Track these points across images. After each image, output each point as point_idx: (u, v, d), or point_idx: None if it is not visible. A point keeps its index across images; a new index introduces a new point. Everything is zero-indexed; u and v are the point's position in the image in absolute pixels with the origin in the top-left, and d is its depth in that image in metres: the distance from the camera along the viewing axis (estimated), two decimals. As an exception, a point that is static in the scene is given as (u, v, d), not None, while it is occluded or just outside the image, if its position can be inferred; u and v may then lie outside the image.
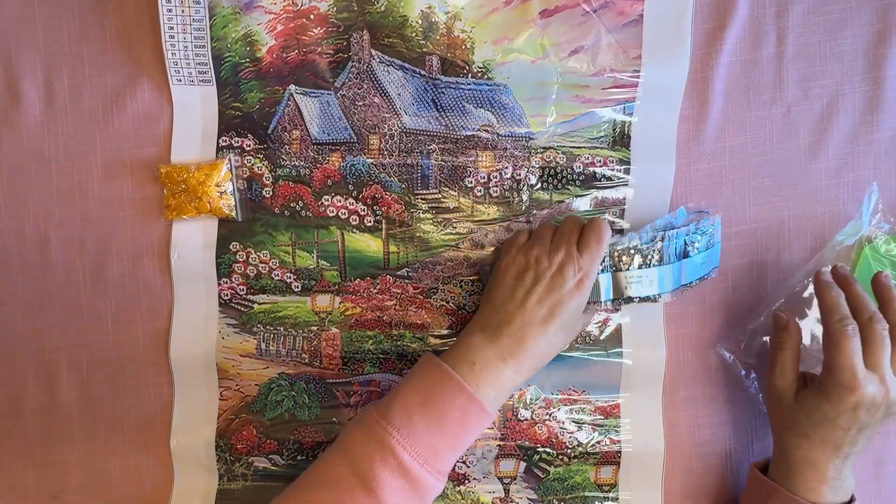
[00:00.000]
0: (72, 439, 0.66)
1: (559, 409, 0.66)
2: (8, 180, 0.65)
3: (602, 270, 0.59)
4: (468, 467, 0.66)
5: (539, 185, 0.65)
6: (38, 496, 0.66)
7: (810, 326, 0.66)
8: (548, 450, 0.66)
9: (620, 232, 0.64)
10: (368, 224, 0.65)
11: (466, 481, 0.66)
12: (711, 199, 0.66)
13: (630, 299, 0.60)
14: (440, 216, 0.65)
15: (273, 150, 0.65)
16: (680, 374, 0.67)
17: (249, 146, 0.65)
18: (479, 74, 0.64)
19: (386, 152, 0.65)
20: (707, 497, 0.67)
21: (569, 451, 0.66)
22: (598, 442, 0.66)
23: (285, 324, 0.66)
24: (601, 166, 0.65)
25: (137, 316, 0.65)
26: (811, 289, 0.65)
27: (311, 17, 0.64)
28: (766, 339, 0.65)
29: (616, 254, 0.60)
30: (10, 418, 0.66)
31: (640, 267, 0.60)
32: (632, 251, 0.60)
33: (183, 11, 0.63)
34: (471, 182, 0.65)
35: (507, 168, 0.65)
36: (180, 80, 0.64)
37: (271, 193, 0.65)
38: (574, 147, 0.65)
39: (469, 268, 0.65)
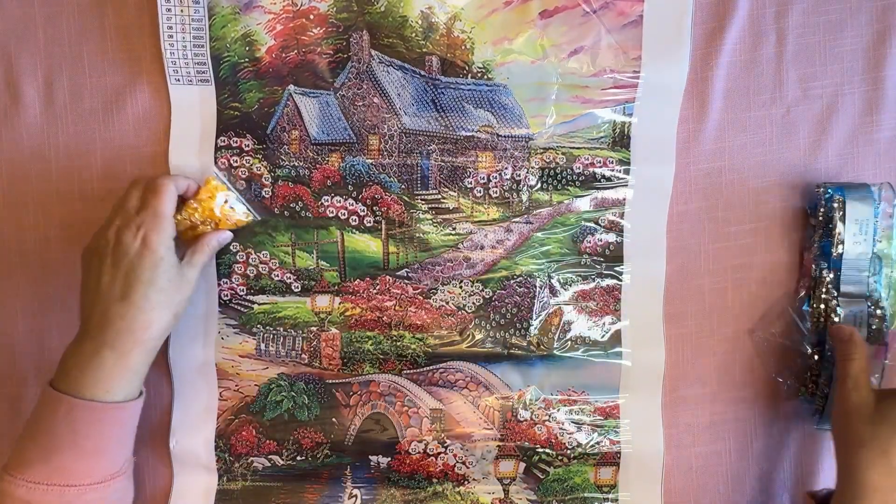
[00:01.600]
0: (72, 439, 0.66)
1: (559, 410, 0.66)
2: (8, 180, 0.65)
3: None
4: (468, 468, 0.66)
5: (539, 185, 0.65)
6: (38, 496, 0.66)
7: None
8: (547, 450, 0.66)
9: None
10: (368, 224, 0.65)
11: (466, 482, 0.66)
12: (711, 200, 0.66)
13: None
14: (440, 217, 0.65)
15: (272, 150, 0.65)
16: (679, 374, 0.66)
17: (248, 146, 0.65)
18: (479, 75, 0.64)
19: (385, 153, 0.65)
20: (707, 497, 0.67)
21: (568, 451, 0.66)
22: (598, 443, 0.66)
23: (285, 324, 0.66)
24: (601, 167, 0.65)
25: (137, 316, 0.66)
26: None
27: (311, 17, 0.64)
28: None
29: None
30: (10, 418, 0.66)
31: None
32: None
33: (182, 11, 0.63)
34: (470, 182, 0.65)
35: (506, 169, 0.65)
36: (178, 80, 0.64)
37: (270, 194, 0.65)
38: (574, 148, 0.65)
39: None
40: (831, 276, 0.63)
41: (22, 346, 0.66)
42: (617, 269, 0.66)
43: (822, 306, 0.63)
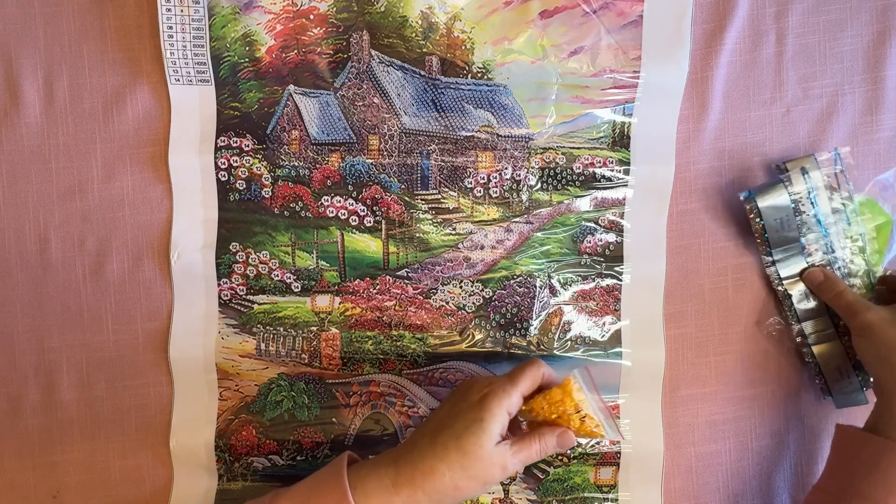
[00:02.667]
0: (72, 439, 0.66)
1: (559, 410, 0.66)
2: (8, 180, 0.65)
3: None
4: (468, 467, 0.66)
5: (539, 185, 0.65)
6: (38, 496, 0.66)
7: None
8: (547, 450, 0.66)
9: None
10: (368, 224, 0.65)
11: (466, 482, 0.66)
12: (711, 200, 0.66)
13: None
14: (440, 217, 0.65)
15: (272, 150, 0.65)
16: (679, 374, 0.67)
17: (248, 146, 0.65)
18: (479, 75, 0.64)
19: (385, 153, 0.65)
20: (707, 497, 0.67)
21: (568, 451, 0.66)
22: (598, 442, 0.66)
23: (285, 324, 0.66)
24: (601, 167, 0.65)
25: (137, 316, 0.66)
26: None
27: (311, 17, 0.64)
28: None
29: None
30: (10, 418, 0.66)
31: None
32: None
33: (182, 11, 0.63)
34: (470, 182, 0.65)
35: (506, 169, 0.65)
36: (178, 80, 0.64)
37: (270, 194, 0.65)
38: (574, 148, 0.65)
39: None
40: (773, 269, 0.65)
41: (22, 346, 0.66)
42: (617, 268, 0.66)
43: (782, 288, 0.65)
